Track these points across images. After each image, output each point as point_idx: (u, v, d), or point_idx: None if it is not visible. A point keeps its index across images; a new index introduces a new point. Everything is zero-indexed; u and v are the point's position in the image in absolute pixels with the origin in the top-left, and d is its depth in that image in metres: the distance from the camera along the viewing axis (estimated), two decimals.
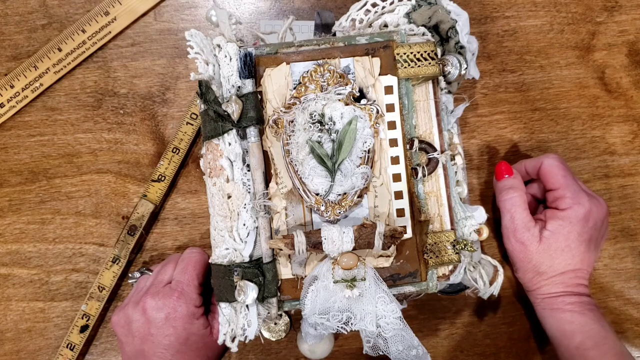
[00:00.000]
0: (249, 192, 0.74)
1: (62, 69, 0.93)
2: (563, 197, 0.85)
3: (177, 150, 0.92)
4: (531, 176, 0.92)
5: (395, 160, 0.75)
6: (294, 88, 0.74)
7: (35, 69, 0.92)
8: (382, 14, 0.81)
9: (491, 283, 0.82)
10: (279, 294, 0.74)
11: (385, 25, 0.80)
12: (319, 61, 0.74)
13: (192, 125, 0.92)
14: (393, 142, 0.75)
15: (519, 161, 0.93)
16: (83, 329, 0.90)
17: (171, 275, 0.81)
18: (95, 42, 0.93)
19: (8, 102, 0.92)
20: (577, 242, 0.84)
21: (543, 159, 0.87)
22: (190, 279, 0.79)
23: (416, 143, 0.74)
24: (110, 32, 0.93)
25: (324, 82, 0.73)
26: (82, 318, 0.90)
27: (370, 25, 0.81)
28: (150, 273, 0.85)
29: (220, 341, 0.75)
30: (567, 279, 0.85)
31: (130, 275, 0.88)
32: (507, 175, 0.87)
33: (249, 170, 0.74)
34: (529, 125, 0.98)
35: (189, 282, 0.79)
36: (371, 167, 0.73)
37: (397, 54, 0.74)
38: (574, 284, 0.85)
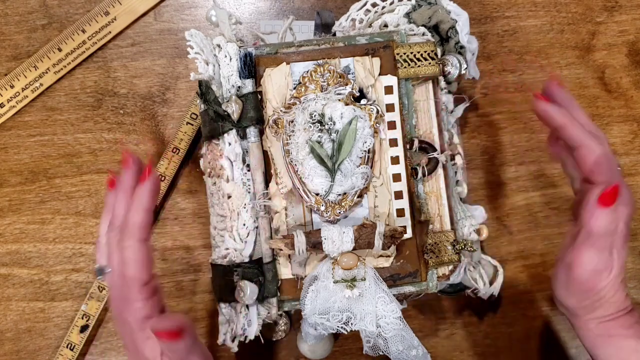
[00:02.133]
0: (249, 192, 0.74)
1: (62, 69, 0.93)
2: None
3: (177, 150, 0.92)
4: (563, 138, 0.74)
5: (395, 160, 0.75)
6: (294, 88, 0.74)
7: (35, 69, 0.92)
8: (382, 14, 0.81)
9: (491, 283, 0.82)
10: (279, 294, 0.74)
11: (385, 25, 0.80)
12: (319, 61, 0.74)
13: (192, 125, 0.92)
14: (393, 142, 0.75)
15: (567, 102, 0.75)
16: (83, 329, 0.90)
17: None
18: (95, 42, 0.93)
19: (8, 102, 0.92)
20: (625, 247, 0.71)
21: (588, 142, 0.71)
22: (131, 284, 0.65)
23: (416, 143, 0.74)
24: (110, 32, 0.93)
25: (324, 82, 0.73)
26: (82, 318, 0.90)
27: (370, 25, 0.81)
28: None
29: (220, 341, 0.75)
30: (620, 291, 0.72)
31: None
32: (612, 205, 0.68)
33: (249, 170, 0.74)
34: (529, 125, 0.97)
35: (130, 289, 0.65)
36: (371, 167, 0.73)
37: (397, 54, 0.74)
38: (623, 298, 0.72)
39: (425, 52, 0.75)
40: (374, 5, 0.80)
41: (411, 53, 0.74)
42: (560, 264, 0.74)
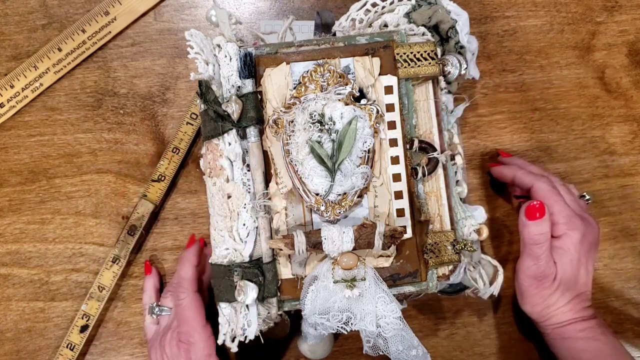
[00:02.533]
0: (249, 192, 0.74)
1: (62, 69, 0.93)
2: (557, 224, 0.84)
3: (177, 150, 0.92)
4: (518, 187, 0.92)
5: (395, 160, 0.75)
6: (294, 88, 0.74)
7: (35, 69, 0.92)
8: (382, 13, 0.81)
9: (491, 283, 0.82)
10: (279, 294, 0.74)
11: (385, 25, 0.80)
12: (319, 61, 0.74)
13: (192, 125, 0.92)
14: (393, 142, 0.75)
15: (512, 161, 0.93)
16: (83, 329, 0.90)
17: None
18: (95, 42, 0.93)
19: (8, 102, 0.92)
20: (577, 267, 0.85)
21: (534, 182, 0.87)
22: (191, 328, 0.79)
23: (416, 143, 0.74)
24: (110, 32, 0.93)
25: (324, 82, 0.73)
26: (82, 318, 0.90)
27: (370, 25, 0.81)
28: (166, 311, 0.86)
29: (220, 341, 0.75)
30: (574, 305, 0.85)
31: (151, 306, 0.88)
32: (538, 217, 0.83)
33: (249, 170, 0.74)
34: (529, 125, 0.98)
35: (192, 332, 0.79)
36: (371, 167, 0.73)
37: (397, 54, 0.74)
38: (580, 308, 0.85)
39: (425, 52, 0.74)
40: (374, 5, 0.80)
41: (411, 53, 0.74)
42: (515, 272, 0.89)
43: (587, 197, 0.92)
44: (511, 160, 0.94)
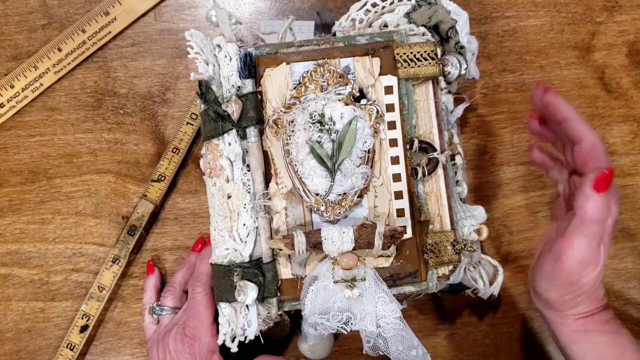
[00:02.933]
0: (249, 192, 0.74)
1: (62, 69, 0.93)
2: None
3: (177, 150, 0.92)
4: (558, 134, 0.75)
5: (395, 160, 0.75)
6: (294, 88, 0.74)
7: (35, 69, 0.92)
8: (382, 14, 0.81)
9: (491, 283, 0.82)
10: (279, 294, 0.74)
11: (385, 25, 0.80)
12: (319, 61, 0.74)
13: (192, 125, 0.92)
14: (393, 142, 0.75)
15: (569, 104, 0.74)
16: (83, 329, 0.90)
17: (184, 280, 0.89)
18: (95, 42, 0.93)
19: (8, 102, 0.92)
20: (608, 246, 0.71)
21: (591, 137, 0.70)
22: (199, 323, 0.80)
23: (416, 143, 0.74)
24: (110, 32, 0.93)
25: (324, 82, 0.73)
26: (82, 318, 0.90)
27: (370, 25, 0.81)
28: (167, 310, 0.87)
29: (220, 341, 0.75)
30: (599, 289, 0.74)
31: (152, 306, 0.89)
32: (607, 190, 0.67)
33: (249, 170, 0.74)
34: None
35: (199, 326, 0.80)
36: (371, 167, 0.73)
37: (397, 54, 0.74)
38: (602, 295, 0.75)
39: (425, 52, 0.74)
40: (374, 5, 0.80)
41: (411, 53, 0.74)
42: (544, 255, 0.74)
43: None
44: (569, 103, 0.74)
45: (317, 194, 0.72)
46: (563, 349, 0.77)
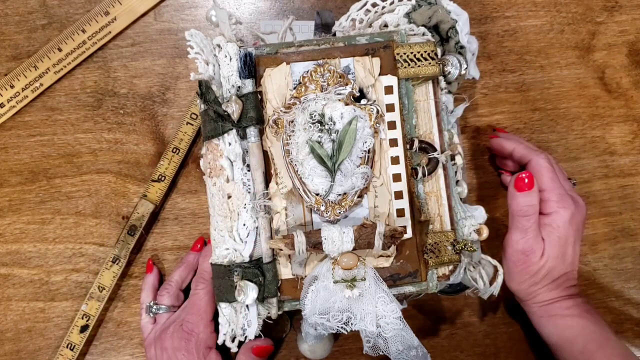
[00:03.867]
0: (249, 192, 0.74)
1: (62, 69, 0.93)
2: (549, 201, 0.84)
3: (177, 150, 0.92)
4: (515, 162, 0.91)
5: (395, 160, 0.75)
6: (294, 88, 0.74)
7: (35, 69, 0.92)
8: (382, 14, 0.81)
9: (491, 283, 0.82)
10: (279, 294, 0.74)
11: (385, 25, 0.80)
12: (319, 61, 0.74)
13: (192, 125, 0.92)
14: (393, 142, 0.75)
15: (510, 137, 0.92)
16: (83, 329, 0.90)
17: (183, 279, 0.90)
18: (95, 42, 0.93)
19: (8, 102, 0.92)
20: (565, 246, 0.84)
21: (534, 156, 0.86)
22: (199, 319, 0.81)
23: (416, 143, 0.74)
24: (110, 32, 0.93)
25: (324, 82, 0.73)
26: (82, 318, 0.90)
27: (370, 25, 0.81)
28: (163, 309, 0.88)
29: (220, 341, 0.75)
30: (560, 283, 0.85)
31: (149, 305, 0.89)
32: (526, 189, 0.83)
33: (249, 170, 0.74)
34: (529, 125, 0.98)
35: (198, 322, 0.80)
36: (371, 167, 0.73)
37: (397, 54, 0.74)
38: (567, 286, 0.85)
39: (425, 52, 0.74)
40: (374, 5, 0.80)
41: (411, 53, 0.74)
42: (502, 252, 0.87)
43: (574, 180, 0.93)
44: (509, 136, 0.93)
45: (317, 194, 0.72)
46: (536, 330, 0.89)
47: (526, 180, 0.82)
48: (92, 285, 0.91)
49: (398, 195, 0.75)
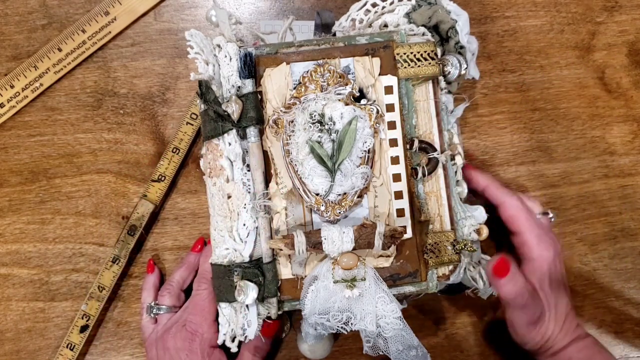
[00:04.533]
0: (249, 192, 0.74)
1: (62, 69, 0.93)
2: (529, 244, 0.83)
3: (177, 150, 0.92)
4: (487, 199, 0.88)
5: (395, 160, 0.75)
6: (294, 88, 0.74)
7: (35, 69, 0.92)
8: (382, 14, 0.81)
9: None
10: (279, 294, 0.74)
11: (385, 25, 0.80)
12: (319, 61, 0.74)
13: (192, 125, 0.92)
14: (393, 142, 0.75)
15: (484, 173, 0.89)
16: (83, 329, 0.90)
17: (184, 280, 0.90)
18: (95, 42, 0.93)
19: (8, 102, 0.92)
20: (558, 288, 0.83)
21: (506, 198, 0.85)
22: (202, 319, 0.80)
23: (416, 143, 0.74)
24: (110, 32, 0.93)
25: (324, 82, 0.73)
26: (82, 318, 0.90)
27: (370, 25, 0.81)
28: (164, 309, 0.88)
29: (219, 341, 0.75)
30: (567, 326, 0.83)
31: (149, 305, 0.89)
32: (507, 271, 0.79)
33: (249, 170, 0.74)
34: (529, 125, 0.98)
35: (202, 322, 0.80)
36: (371, 167, 0.73)
37: (397, 54, 0.74)
38: (573, 328, 0.83)
39: (425, 52, 0.74)
40: (374, 5, 0.80)
41: (411, 53, 0.74)
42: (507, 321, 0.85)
43: (551, 215, 0.90)
44: (482, 173, 0.90)
45: (317, 194, 0.72)
46: None
47: (503, 264, 0.78)
48: (92, 285, 0.91)
49: (398, 195, 0.75)
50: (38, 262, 0.93)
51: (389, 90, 0.75)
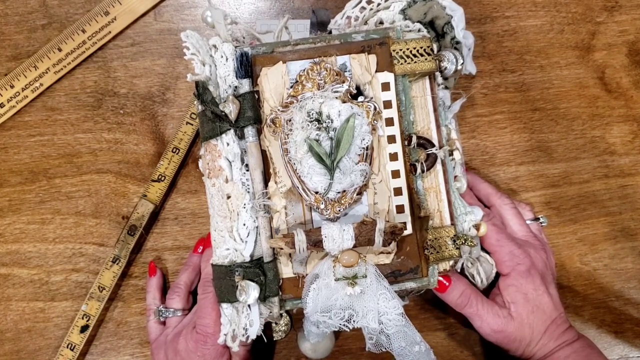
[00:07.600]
0: (248, 192, 0.74)
1: (62, 69, 0.93)
2: (502, 261, 0.84)
3: (177, 150, 0.92)
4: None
5: (393, 157, 0.75)
6: (291, 87, 0.74)
7: (35, 69, 0.92)
8: (378, 11, 0.81)
9: (488, 281, 0.83)
10: (280, 293, 0.74)
11: (381, 22, 0.80)
12: (315, 59, 0.74)
13: (192, 125, 0.92)
14: (391, 139, 0.75)
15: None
16: (83, 329, 0.90)
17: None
18: (95, 42, 0.93)
19: (8, 102, 0.92)
20: (536, 298, 0.83)
21: (496, 200, 0.89)
22: (212, 321, 0.80)
23: (414, 139, 0.74)
24: (110, 32, 0.94)
25: (321, 80, 0.73)
26: (82, 318, 0.90)
27: (365, 23, 0.81)
28: (174, 312, 0.88)
29: (220, 341, 0.75)
30: (552, 332, 0.83)
31: (158, 309, 0.88)
32: (447, 286, 0.83)
33: (247, 170, 0.74)
34: (529, 125, 0.98)
35: (212, 324, 0.79)
36: (370, 164, 0.73)
37: (394, 51, 0.74)
38: (559, 334, 0.83)
39: (421, 48, 0.74)
40: (370, 2, 0.80)
41: (407, 49, 0.74)
42: None
43: (542, 220, 0.91)
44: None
45: (316, 192, 0.72)
46: None
47: (441, 282, 0.82)
48: (92, 285, 0.91)
49: (397, 191, 0.75)
50: (38, 262, 0.93)
51: (385, 87, 0.75)
